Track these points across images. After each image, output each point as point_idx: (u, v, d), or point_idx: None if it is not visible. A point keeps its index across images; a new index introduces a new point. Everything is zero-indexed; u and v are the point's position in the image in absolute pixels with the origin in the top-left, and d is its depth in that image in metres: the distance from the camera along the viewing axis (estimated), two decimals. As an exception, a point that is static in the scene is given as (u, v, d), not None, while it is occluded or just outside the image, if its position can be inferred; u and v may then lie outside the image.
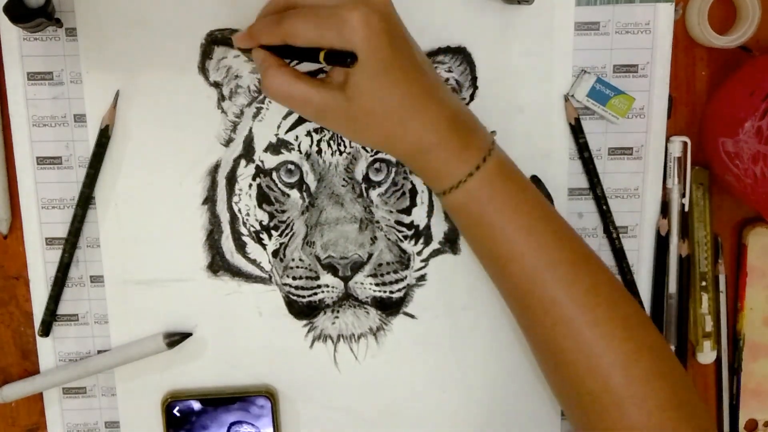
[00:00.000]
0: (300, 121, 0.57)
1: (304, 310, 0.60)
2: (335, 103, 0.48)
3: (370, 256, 0.59)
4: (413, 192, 0.59)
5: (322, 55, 0.46)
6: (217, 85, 0.57)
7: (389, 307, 0.60)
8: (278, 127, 0.58)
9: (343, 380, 0.61)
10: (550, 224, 0.51)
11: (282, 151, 0.58)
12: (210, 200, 0.58)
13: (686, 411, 0.49)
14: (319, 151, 0.58)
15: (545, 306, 0.50)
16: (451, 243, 0.60)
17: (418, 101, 0.48)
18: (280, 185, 0.58)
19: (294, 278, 0.59)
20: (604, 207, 0.59)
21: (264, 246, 0.59)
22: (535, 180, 0.58)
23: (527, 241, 0.50)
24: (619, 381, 0.48)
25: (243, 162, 0.58)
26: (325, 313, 0.60)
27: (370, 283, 0.60)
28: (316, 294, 0.60)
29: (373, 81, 0.47)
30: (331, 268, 0.59)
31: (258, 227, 0.59)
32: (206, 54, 0.56)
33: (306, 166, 0.58)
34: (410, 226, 0.59)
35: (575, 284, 0.50)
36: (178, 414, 0.60)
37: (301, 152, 0.58)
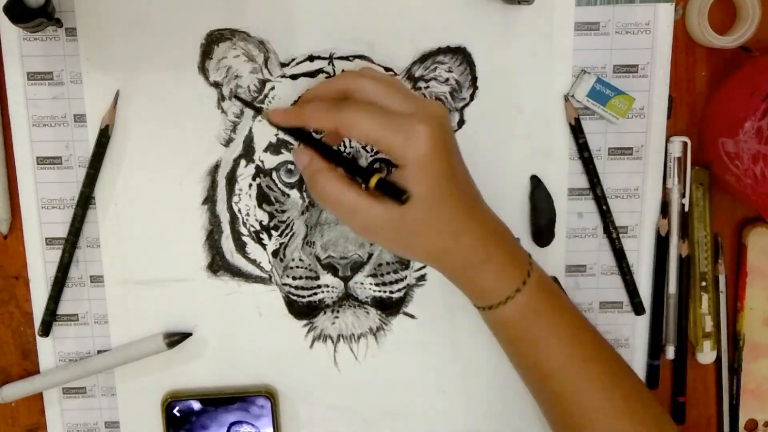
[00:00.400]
0: (300, 121, 0.57)
1: (304, 310, 0.60)
2: (388, 217, 0.48)
3: (370, 256, 0.59)
4: (413, 192, 0.59)
5: (375, 180, 0.46)
6: (217, 85, 0.57)
7: (389, 307, 0.60)
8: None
9: (343, 380, 0.61)
10: (590, 337, 0.54)
11: (282, 151, 0.58)
12: (210, 200, 0.58)
13: None
14: (319, 151, 0.58)
15: (584, 413, 0.52)
16: (451, 243, 0.60)
17: (470, 215, 0.49)
18: (280, 185, 0.58)
19: (294, 278, 0.59)
20: (604, 207, 0.59)
21: (264, 246, 0.59)
22: (535, 180, 0.58)
23: (570, 355, 0.52)
24: None
25: (243, 162, 0.58)
26: (325, 313, 0.60)
27: (370, 283, 0.60)
28: (316, 294, 0.60)
29: (433, 193, 0.47)
30: (331, 268, 0.59)
31: (258, 227, 0.59)
32: (206, 54, 0.56)
33: (306, 166, 0.58)
34: (410, 226, 0.59)
35: (614, 394, 0.52)
36: (178, 414, 0.60)
37: (301, 152, 0.58)
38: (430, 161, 0.46)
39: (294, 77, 0.57)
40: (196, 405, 0.60)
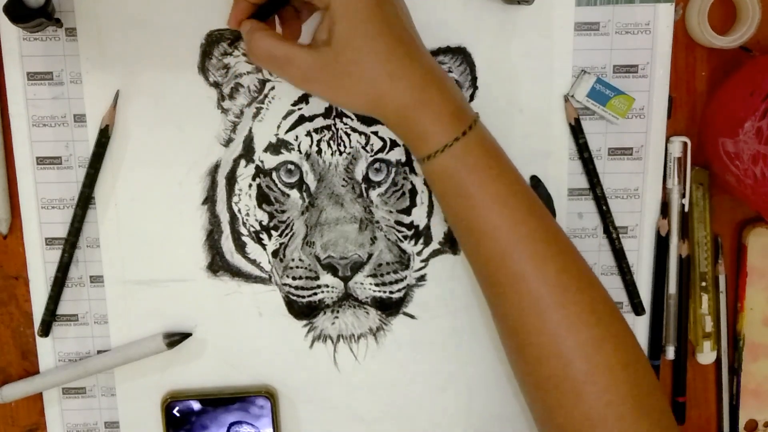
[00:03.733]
0: (300, 120, 0.57)
1: (303, 310, 0.60)
2: (321, 61, 0.48)
3: (370, 256, 0.59)
4: (413, 192, 0.59)
5: None
6: (217, 85, 0.57)
7: (389, 307, 0.60)
8: (278, 127, 0.57)
9: (343, 380, 0.61)
10: (527, 200, 0.51)
11: (282, 151, 0.58)
12: (210, 200, 0.58)
13: (646, 404, 0.48)
14: (319, 151, 0.58)
15: (514, 281, 0.49)
16: (451, 243, 0.60)
17: (407, 56, 0.48)
18: (280, 185, 0.58)
19: (294, 278, 0.59)
20: (604, 207, 0.59)
21: (264, 246, 0.59)
22: (535, 180, 0.58)
23: (502, 213, 0.49)
24: (581, 367, 0.48)
25: (243, 162, 0.58)
26: (324, 313, 0.60)
27: (370, 284, 0.60)
28: (315, 294, 0.60)
29: (358, 31, 0.47)
30: (331, 268, 0.59)
31: (258, 227, 0.59)
32: (206, 54, 0.56)
33: (306, 166, 0.58)
34: (410, 226, 0.59)
35: (546, 262, 0.49)
36: (177, 414, 0.60)
37: (300, 152, 0.58)
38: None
39: (294, 77, 0.57)
40: (196, 405, 0.60)
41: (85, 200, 0.57)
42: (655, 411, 0.49)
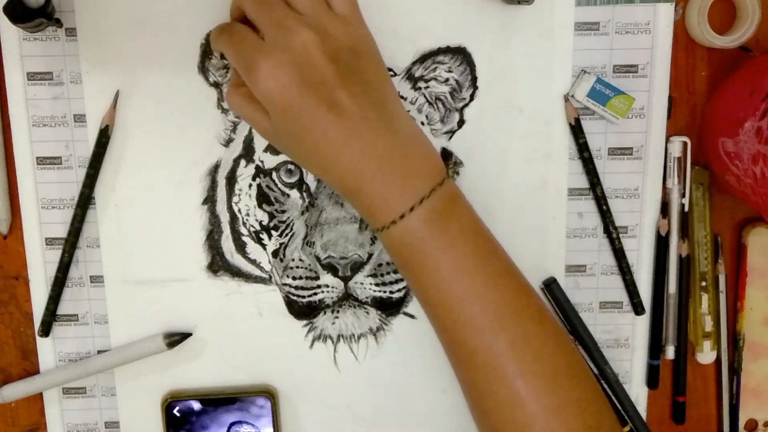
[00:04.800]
0: (300, 121, 0.57)
1: (304, 310, 0.60)
2: (273, 130, 0.49)
3: (370, 256, 0.59)
4: (413, 192, 0.59)
5: None
6: (217, 85, 0.57)
7: (389, 307, 0.60)
8: (278, 127, 0.57)
9: (343, 380, 0.61)
10: (479, 272, 0.49)
11: (282, 151, 0.58)
12: (210, 200, 0.58)
13: None
14: (319, 151, 0.58)
15: (471, 353, 0.49)
16: (451, 243, 0.60)
17: (349, 132, 0.47)
18: (280, 185, 0.58)
19: (294, 278, 0.59)
20: (604, 207, 0.59)
21: (264, 246, 0.59)
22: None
23: (450, 288, 0.48)
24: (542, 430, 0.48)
25: (243, 162, 0.58)
26: (325, 313, 0.60)
27: (370, 283, 0.60)
28: (316, 294, 0.60)
29: (280, 129, 0.48)
30: (331, 268, 0.59)
31: (258, 227, 0.59)
32: (206, 54, 0.56)
33: (306, 166, 0.58)
34: (410, 226, 0.59)
35: (497, 338, 0.48)
36: (178, 414, 0.60)
37: (301, 152, 0.58)
38: (273, 103, 0.47)
39: (294, 77, 0.57)
40: (196, 405, 0.60)
41: (85, 200, 0.57)
42: None
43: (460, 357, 0.50)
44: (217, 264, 0.59)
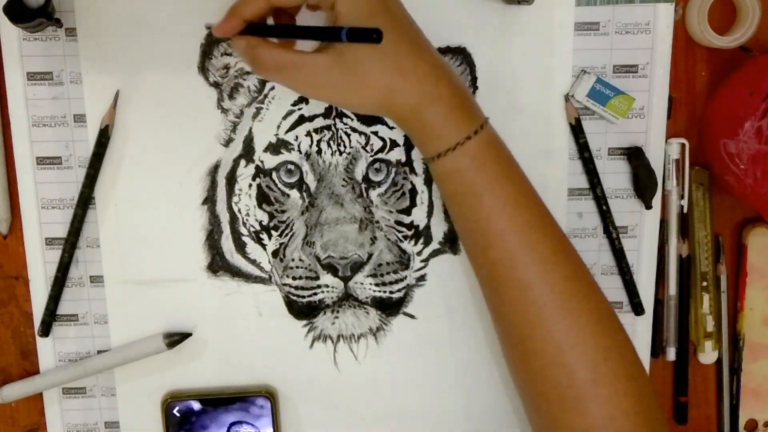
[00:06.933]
0: (300, 120, 0.57)
1: (303, 310, 0.60)
2: (328, 63, 0.47)
3: (370, 256, 0.59)
4: (413, 192, 0.59)
5: (344, 32, 0.43)
6: (217, 85, 0.57)
7: (389, 307, 0.60)
8: (278, 127, 0.58)
9: (343, 380, 0.61)
10: (536, 205, 0.50)
11: (282, 151, 0.58)
12: (210, 200, 0.58)
13: (646, 417, 0.48)
14: (319, 151, 0.58)
15: (521, 288, 0.49)
16: (451, 243, 0.60)
17: (415, 51, 0.48)
18: (279, 185, 0.58)
19: (294, 278, 0.59)
20: (604, 207, 0.59)
21: (264, 246, 0.59)
22: (638, 151, 0.58)
23: (512, 217, 0.49)
24: (586, 377, 0.47)
25: (243, 162, 0.58)
26: (324, 313, 0.60)
27: (370, 283, 0.60)
28: (315, 294, 0.60)
29: (363, 25, 0.46)
30: (331, 268, 0.59)
31: (258, 227, 0.59)
32: (206, 54, 0.56)
33: (306, 166, 0.58)
34: (410, 226, 0.59)
35: (554, 270, 0.49)
36: (177, 414, 0.60)
37: (300, 152, 0.58)
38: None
39: (294, 77, 0.57)
40: (196, 405, 0.60)
41: (85, 200, 0.57)
42: (655, 423, 0.49)
43: (512, 294, 0.49)
44: (217, 264, 0.59)
